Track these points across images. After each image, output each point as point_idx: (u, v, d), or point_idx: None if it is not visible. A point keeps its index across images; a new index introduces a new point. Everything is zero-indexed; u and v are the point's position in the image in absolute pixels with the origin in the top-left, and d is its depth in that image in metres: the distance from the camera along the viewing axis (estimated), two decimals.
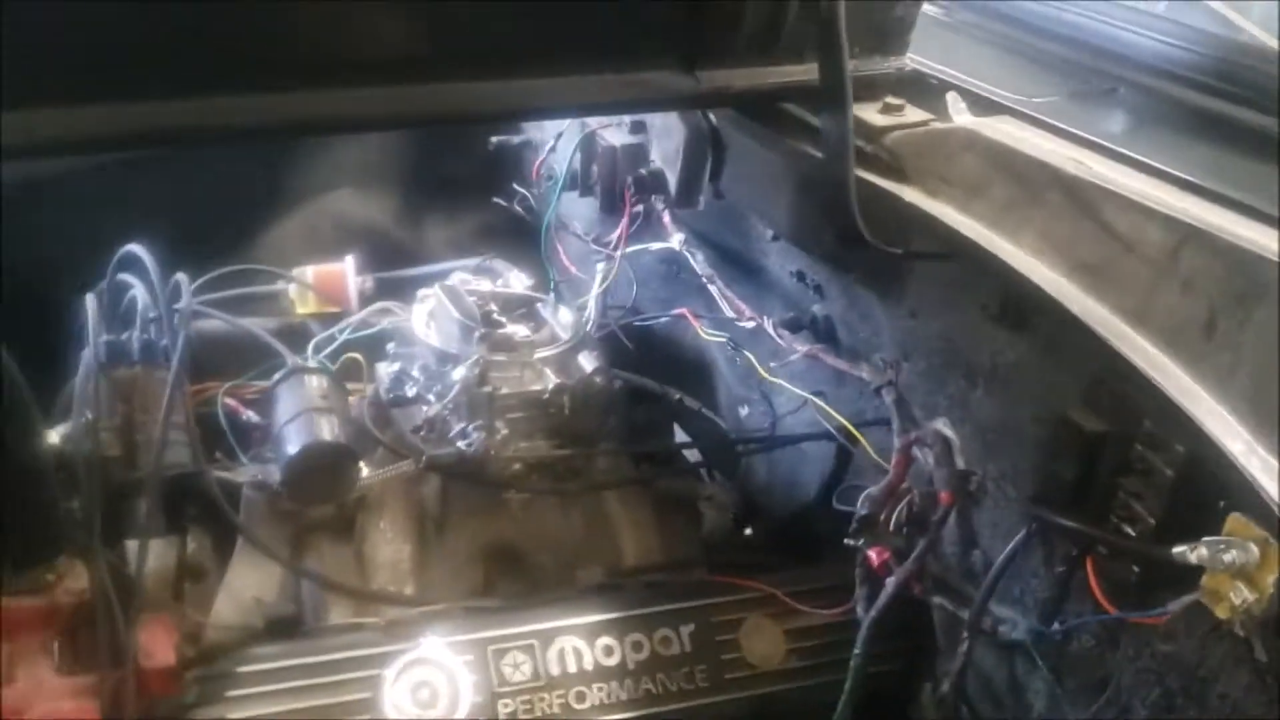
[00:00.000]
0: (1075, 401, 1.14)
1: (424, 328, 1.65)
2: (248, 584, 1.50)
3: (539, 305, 1.76)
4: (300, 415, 1.48)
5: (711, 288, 1.87)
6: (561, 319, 1.72)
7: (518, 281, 1.84)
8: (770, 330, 1.69)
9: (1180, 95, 1.40)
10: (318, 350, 1.77)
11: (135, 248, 1.68)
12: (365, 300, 2.05)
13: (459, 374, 1.54)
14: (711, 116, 1.70)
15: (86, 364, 1.56)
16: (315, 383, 1.56)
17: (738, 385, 2.06)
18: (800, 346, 1.61)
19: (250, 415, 1.71)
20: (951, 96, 1.31)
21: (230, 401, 1.74)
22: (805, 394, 1.61)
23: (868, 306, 1.56)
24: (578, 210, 2.21)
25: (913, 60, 1.43)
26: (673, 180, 1.78)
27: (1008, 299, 1.19)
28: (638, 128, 2.09)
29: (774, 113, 1.49)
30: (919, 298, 1.38)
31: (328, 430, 1.46)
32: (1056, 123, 1.28)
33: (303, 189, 2.58)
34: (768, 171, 1.57)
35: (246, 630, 1.44)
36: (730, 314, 1.83)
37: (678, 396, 1.82)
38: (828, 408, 1.53)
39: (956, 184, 1.22)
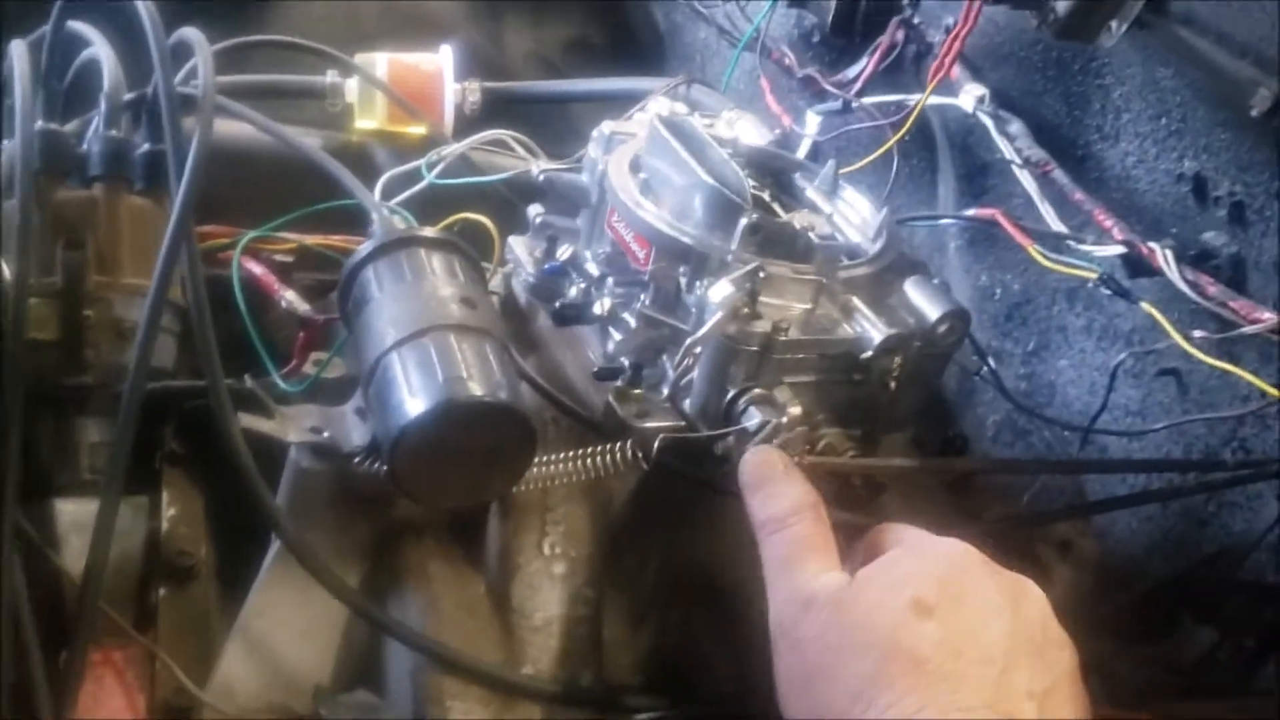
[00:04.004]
0: None
1: (635, 191, 0.91)
2: (286, 637, 0.80)
3: (799, 176, 1.03)
4: (428, 336, 0.75)
5: (1031, 182, 1.18)
6: (850, 206, 1.00)
7: (752, 130, 1.10)
8: (1166, 266, 1.02)
9: None
10: (387, 195, 1.03)
11: None
12: (465, 123, 1.29)
13: (719, 292, 0.81)
14: None
15: (6, 170, 0.83)
16: (442, 269, 0.83)
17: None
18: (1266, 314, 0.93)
19: (290, 298, 0.98)
20: None
21: (255, 266, 1.00)
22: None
23: None
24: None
25: None
26: None
27: None
28: None
29: None
30: None
31: (483, 379, 0.74)
32: None
33: None
34: None
35: None
36: (1054, 224, 1.15)
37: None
38: None
39: None
